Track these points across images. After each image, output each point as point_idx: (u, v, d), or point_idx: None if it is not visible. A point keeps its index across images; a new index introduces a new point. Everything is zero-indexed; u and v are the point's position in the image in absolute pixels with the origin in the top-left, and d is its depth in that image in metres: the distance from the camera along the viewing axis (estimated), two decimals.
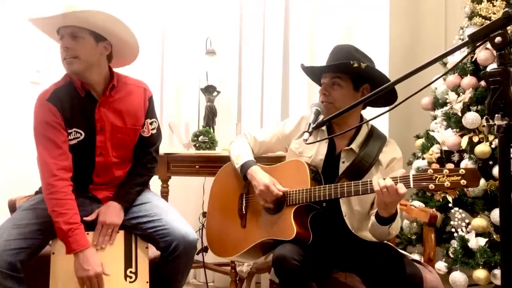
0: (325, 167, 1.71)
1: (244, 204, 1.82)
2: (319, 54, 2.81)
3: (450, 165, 1.42)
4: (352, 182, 1.54)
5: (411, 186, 1.41)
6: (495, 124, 0.98)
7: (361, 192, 1.51)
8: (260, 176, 1.71)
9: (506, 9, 1.10)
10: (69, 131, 1.68)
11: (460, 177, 1.33)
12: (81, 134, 1.70)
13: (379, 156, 1.67)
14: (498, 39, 0.97)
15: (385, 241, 1.67)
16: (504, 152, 0.99)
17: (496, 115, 0.98)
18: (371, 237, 1.65)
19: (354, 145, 1.69)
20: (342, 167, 1.68)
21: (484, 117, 2.21)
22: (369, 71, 1.65)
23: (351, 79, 1.67)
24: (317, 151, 1.73)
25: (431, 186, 1.37)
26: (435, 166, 1.53)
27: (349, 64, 1.61)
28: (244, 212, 1.81)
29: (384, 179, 1.44)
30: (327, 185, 1.58)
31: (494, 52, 1.01)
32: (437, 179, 1.36)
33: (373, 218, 1.56)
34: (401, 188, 1.40)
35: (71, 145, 1.69)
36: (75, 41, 1.62)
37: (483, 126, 2.22)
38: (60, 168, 1.63)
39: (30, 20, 1.66)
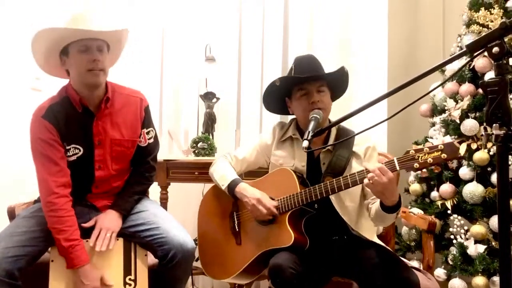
0: (309, 173, 1.73)
1: (236, 221, 1.83)
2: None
3: (428, 144, 1.45)
4: (341, 177, 1.56)
5: (397, 168, 1.45)
6: (493, 134, 0.98)
7: (351, 184, 1.53)
8: (251, 192, 1.72)
9: (503, 19, 1.12)
10: (68, 147, 1.67)
11: (440, 152, 1.39)
12: (79, 150, 1.69)
13: (354, 149, 1.71)
14: (495, 49, 0.99)
15: (383, 245, 1.67)
16: (503, 161, 1.00)
17: (494, 124, 0.99)
18: (370, 235, 1.66)
19: (330, 146, 1.72)
20: (324, 168, 1.70)
21: (482, 127, 2.21)
22: (345, 75, 1.74)
23: (327, 84, 1.73)
24: (298, 160, 1.75)
25: (416, 165, 1.42)
26: (415, 147, 1.56)
27: (344, 70, 1.71)
28: (237, 230, 1.82)
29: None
30: (316, 185, 1.60)
31: (492, 60, 1.02)
32: (420, 157, 1.42)
33: (375, 206, 1.57)
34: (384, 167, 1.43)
35: (70, 161, 1.68)
36: (101, 54, 1.64)
37: (481, 135, 2.23)
38: (59, 185, 1.62)
39: (51, 29, 1.59)
